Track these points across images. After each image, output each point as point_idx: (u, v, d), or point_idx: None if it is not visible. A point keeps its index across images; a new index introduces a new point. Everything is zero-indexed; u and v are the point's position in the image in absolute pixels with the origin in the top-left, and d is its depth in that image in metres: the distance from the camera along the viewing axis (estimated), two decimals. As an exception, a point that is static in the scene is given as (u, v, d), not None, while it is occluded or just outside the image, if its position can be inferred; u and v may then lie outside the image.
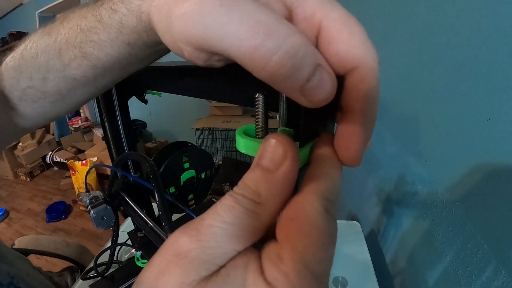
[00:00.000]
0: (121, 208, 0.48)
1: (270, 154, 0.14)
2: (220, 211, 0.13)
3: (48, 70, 0.23)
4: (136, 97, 0.48)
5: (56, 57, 0.22)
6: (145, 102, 0.49)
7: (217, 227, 0.13)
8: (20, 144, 2.96)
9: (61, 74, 0.23)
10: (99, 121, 0.49)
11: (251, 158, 0.15)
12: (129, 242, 0.60)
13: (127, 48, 0.20)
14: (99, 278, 0.57)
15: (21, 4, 3.35)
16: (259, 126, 0.18)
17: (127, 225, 0.79)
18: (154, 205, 0.46)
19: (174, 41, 0.15)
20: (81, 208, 2.29)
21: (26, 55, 0.23)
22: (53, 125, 3.71)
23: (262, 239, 0.14)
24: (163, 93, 0.41)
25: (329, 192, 0.14)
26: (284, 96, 0.16)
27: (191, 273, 0.12)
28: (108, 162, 0.51)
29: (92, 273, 0.58)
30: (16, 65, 0.24)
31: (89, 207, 0.44)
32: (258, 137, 0.18)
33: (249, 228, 0.13)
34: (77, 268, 0.83)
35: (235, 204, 0.13)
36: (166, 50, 0.20)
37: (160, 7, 0.16)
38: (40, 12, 3.24)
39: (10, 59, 0.25)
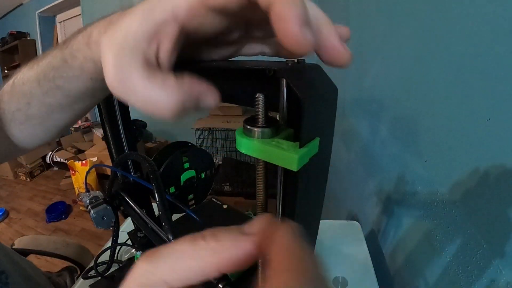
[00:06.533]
0: (121, 208, 0.48)
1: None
2: None
3: (31, 97, 0.28)
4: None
5: (36, 87, 0.27)
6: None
7: None
8: (20, 144, 2.95)
9: (41, 101, 0.28)
10: (99, 121, 0.49)
11: (251, 158, 0.15)
12: (129, 242, 0.60)
13: (91, 82, 0.25)
14: (99, 278, 0.57)
15: (21, 4, 3.35)
16: (259, 126, 0.18)
17: (127, 225, 0.79)
18: (154, 205, 0.46)
19: None
20: (81, 208, 2.29)
21: (16, 83, 0.29)
22: (53, 125, 3.70)
23: None
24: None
25: None
26: (284, 95, 0.16)
27: None
28: (108, 162, 0.51)
29: (92, 273, 0.58)
30: (9, 91, 0.29)
31: (89, 207, 0.44)
32: (258, 137, 0.18)
33: None
34: (76, 268, 0.82)
35: None
36: None
37: None
38: (40, 12, 3.24)
39: (6, 85, 0.30)
